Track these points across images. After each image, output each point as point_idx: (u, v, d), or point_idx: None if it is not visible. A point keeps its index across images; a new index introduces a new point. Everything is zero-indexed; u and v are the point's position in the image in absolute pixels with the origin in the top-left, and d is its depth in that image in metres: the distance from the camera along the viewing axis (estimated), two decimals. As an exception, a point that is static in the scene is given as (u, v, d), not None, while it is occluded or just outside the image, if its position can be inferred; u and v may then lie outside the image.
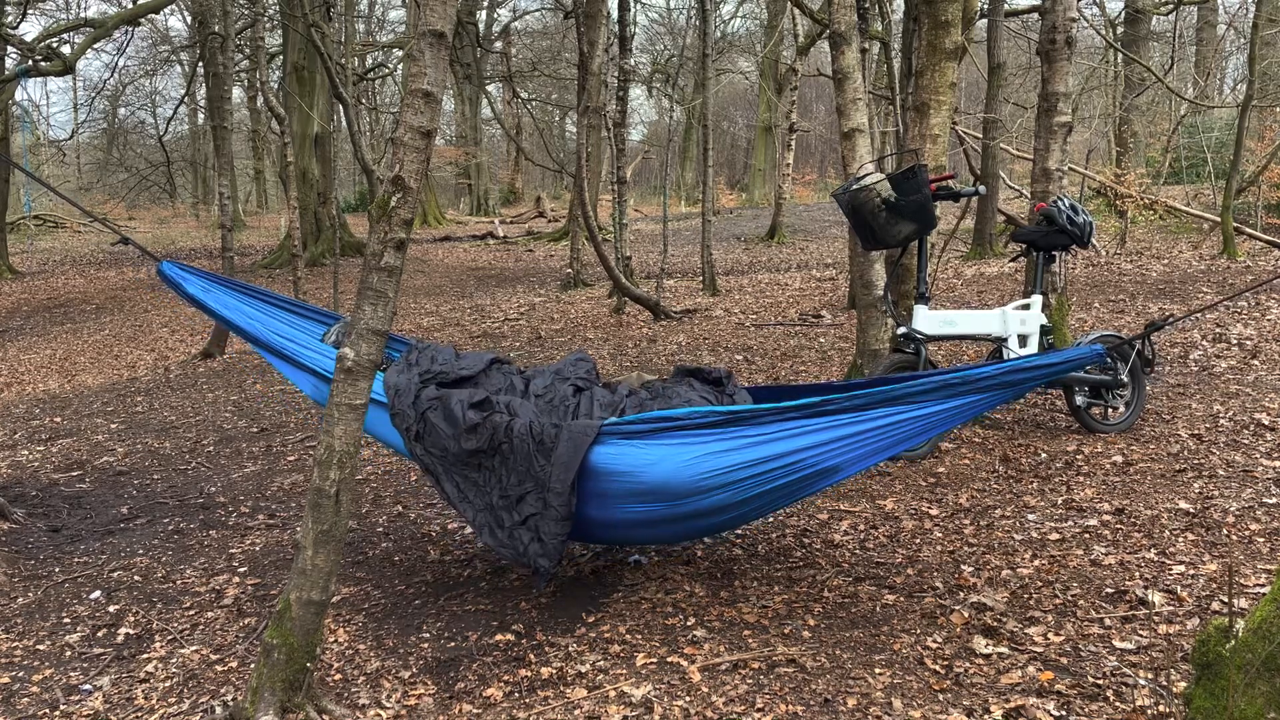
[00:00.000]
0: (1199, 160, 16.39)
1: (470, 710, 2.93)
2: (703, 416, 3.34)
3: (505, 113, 31.20)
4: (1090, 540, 3.82)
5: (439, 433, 3.58)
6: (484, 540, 3.56)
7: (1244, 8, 18.61)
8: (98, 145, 32.34)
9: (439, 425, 3.59)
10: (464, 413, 3.56)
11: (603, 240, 10.76)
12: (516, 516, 3.48)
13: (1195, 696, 2.31)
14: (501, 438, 3.50)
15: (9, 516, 5.04)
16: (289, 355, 4.03)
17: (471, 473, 3.57)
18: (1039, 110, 6.23)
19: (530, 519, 3.45)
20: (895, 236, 4.92)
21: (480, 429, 3.52)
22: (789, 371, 7.18)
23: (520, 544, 3.47)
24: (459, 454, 3.56)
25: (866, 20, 8.90)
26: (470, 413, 3.56)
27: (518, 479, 3.49)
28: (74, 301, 16.32)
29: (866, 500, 4.51)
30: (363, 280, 2.84)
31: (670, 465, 3.28)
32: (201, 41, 15.24)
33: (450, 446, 3.57)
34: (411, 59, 2.91)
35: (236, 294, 4.22)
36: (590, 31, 10.40)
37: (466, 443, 3.53)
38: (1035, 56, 8.46)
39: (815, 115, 35.19)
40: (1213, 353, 6.55)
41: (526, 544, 3.45)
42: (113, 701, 3.14)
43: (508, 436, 3.49)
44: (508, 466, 3.51)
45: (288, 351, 4.03)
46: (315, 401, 4.25)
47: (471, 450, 3.53)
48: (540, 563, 3.44)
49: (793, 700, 2.83)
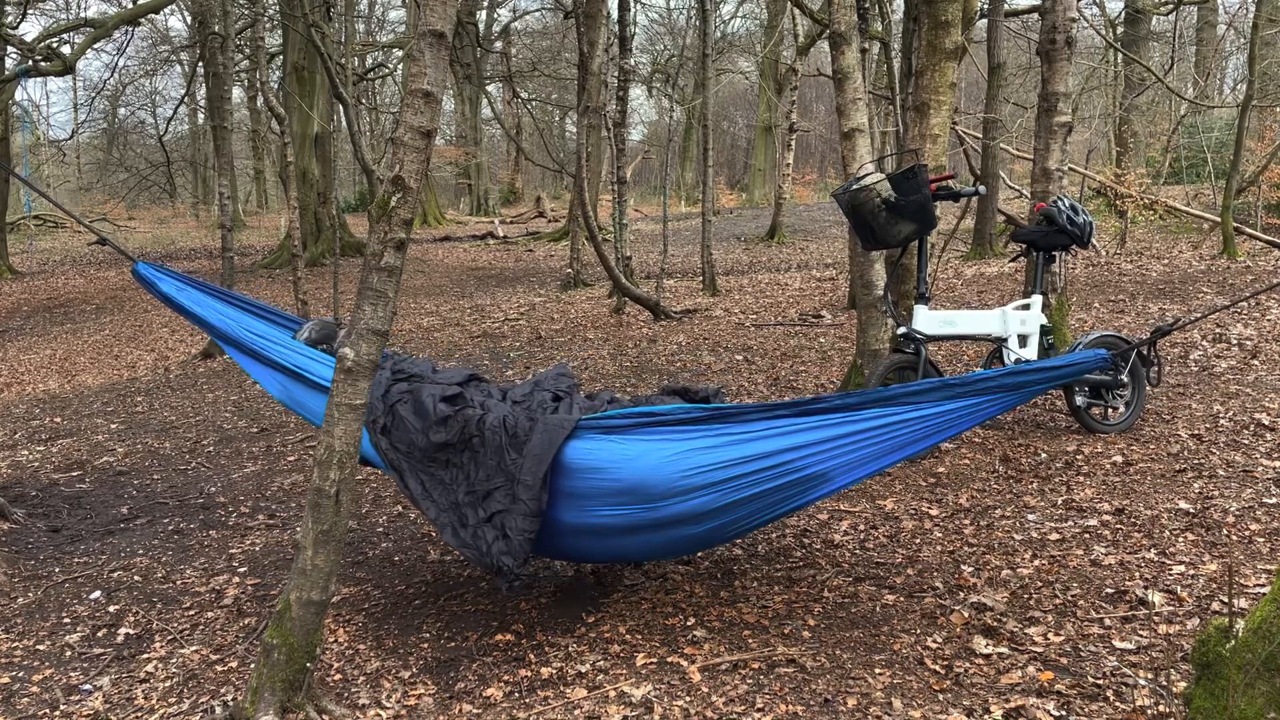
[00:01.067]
0: (1199, 160, 16.39)
1: (470, 710, 2.93)
2: (685, 412, 3.23)
3: (505, 113, 31.20)
4: (1090, 540, 3.82)
5: (407, 426, 3.48)
6: (446, 540, 3.42)
7: (1244, 8, 18.62)
8: (98, 145, 32.33)
9: (408, 418, 3.48)
10: (435, 405, 3.45)
11: (603, 240, 10.76)
12: (482, 514, 3.32)
13: (1195, 696, 2.31)
14: (473, 430, 3.36)
15: (9, 516, 5.04)
16: (259, 351, 4.03)
17: (438, 470, 3.44)
18: (1039, 110, 6.23)
19: (496, 515, 3.28)
20: (895, 236, 4.92)
21: (451, 421, 3.40)
22: (789, 371, 7.18)
23: (484, 543, 3.29)
24: (426, 448, 3.43)
25: (866, 20, 8.90)
26: (442, 405, 3.45)
27: (486, 474, 3.34)
28: (74, 301, 16.32)
29: (866, 500, 4.51)
30: (363, 280, 2.84)
31: (649, 461, 3.13)
32: (201, 41, 15.23)
33: (418, 441, 3.44)
34: (411, 59, 2.91)
35: (209, 294, 4.25)
36: (590, 31, 10.40)
37: (435, 435, 3.40)
38: (1035, 56, 8.46)
39: (815, 115, 35.18)
40: (1213, 353, 6.55)
41: (490, 543, 3.27)
42: (113, 701, 3.14)
43: (479, 430, 3.36)
44: (477, 461, 3.36)
45: (258, 348, 4.03)
46: (281, 402, 4.24)
47: (440, 444, 3.40)
48: (504, 561, 3.24)
49: (793, 700, 2.83)
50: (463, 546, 3.35)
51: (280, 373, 3.99)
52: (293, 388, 3.99)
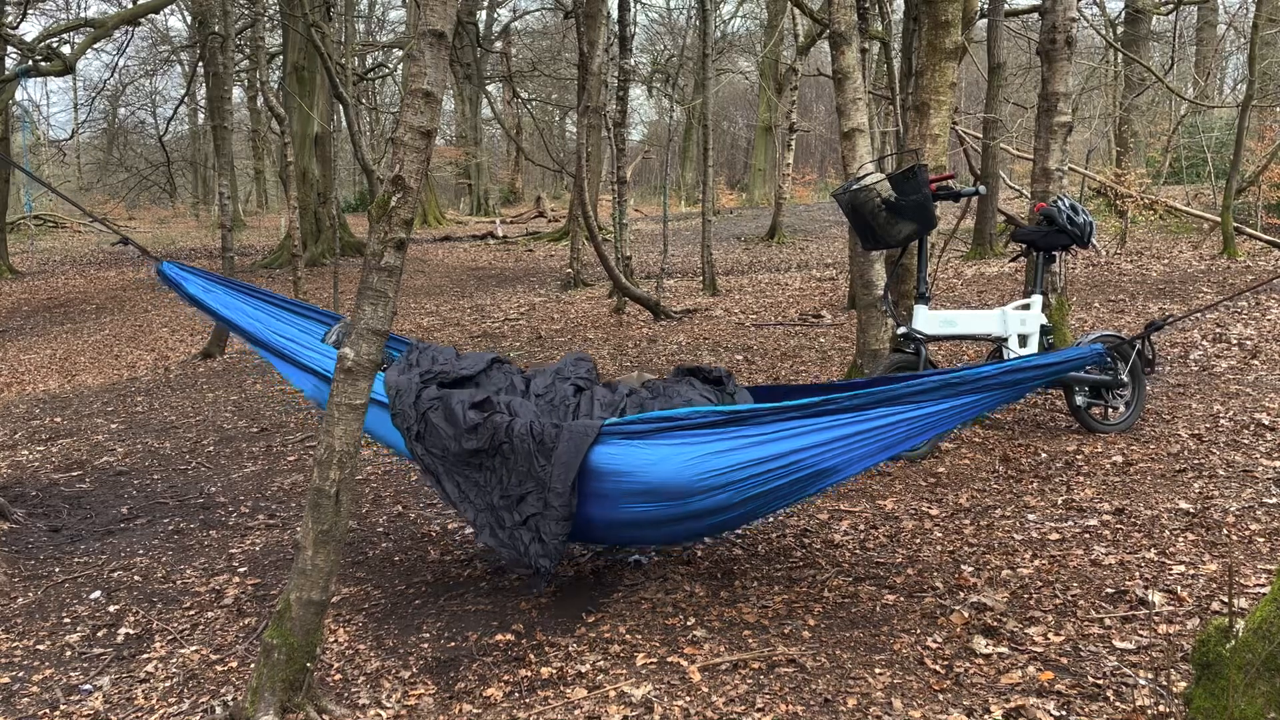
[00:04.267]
0: (1199, 160, 16.39)
1: (470, 710, 2.93)
2: (703, 416, 3.35)
3: (505, 113, 31.20)
4: (1090, 540, 3.82)
5: (440, 433, 3.58)
6: (484, 540, 3.56)
7: (1244, 8, 18.62)
8: (98, 145, 32.35)
9: (440, 425, 3.59)
10: (464, 413, 3.57)
11: (603, 240, 10.76)
12: (517, 517, 3.48)
13: (1195, 696, 2.31)
14: (502, 437, 3.50)
15: (9, 516, 5.04)
16: (289, 355, 4.01)
17: (473, 473, 3.57)
18: (1039, 110, 6.23)
19: (531, 519, 3.45)
20: (895, 236, 4.92)
21: (481, 429, 3.53)
22: (789, 371, 7.18)
23: (521, 544, 3.47)
24: (459, 454, 3.56)
25: (866, 20, 8.90)
26: (471, 413, 3.57)
27: (518, 479, 3.49)
28: (74, 301, 16.32)
29: (866, 500, 4.51)
30: (363, 280, 2.84)
31: (671, 465, 3.29)
32: (201, 41, 15.23)
33: (451, 446, 3.57)
34: (411, 59, 2.91)
35: (237, 294, 4.21)
36: (590, 31, 10.40)
37: (467, 443, 3.54)
38: (1035, 56, 8.46)
39: (815, 115, 35.19)
40: (1213, 353, 6.55)
41: (527, 544, 3.46)
42: (113, 701, 3.14)
43: (508, 436, 3.49)
44: (508, 466, 3.51)
45: (288, 351, 4.02)
46: (315, 402, 4.24)
47: (472, 450, 3.54)
48: (541, 563, 3.44)
49: (793, 700, 2.83)
50: (501, 547, 3.52)
51: (311, 375, 3.99)
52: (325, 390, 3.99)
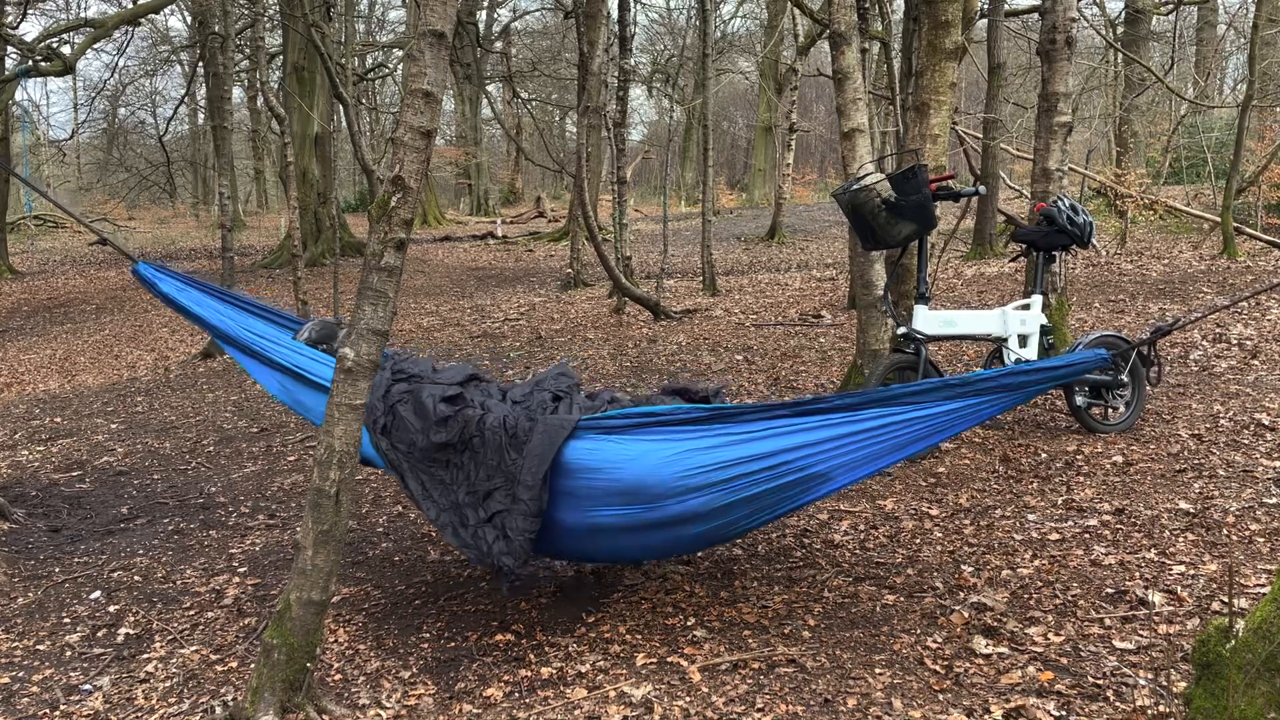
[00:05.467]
0: (1199, 160, 16.38)
1: (470, 710, 2.93)
2: (685, 412, 3.23)
3: (505, 113, 31.20)
4: (1090, 540, 3.82)
5: (407, 426, 3.48)
6: (447, 539, 3.43)
7: (1244, 8, 18.62)
8: (98, 145, 32.34)
9: (408, 419, 3.49)
10: (435, 405, 3.46)
11: (603, 240, 10.76)
12: (482, 514, 3.34)
13: (1195, 696, 2.31)
14: (473, 431, 3.37)
15: (9, 516, 5.04)
16: (259, 352, 4.04)
17: (438, 470, 3.45)
18: (1039, 110, 6.23)
19: (497, 515, 3.30)
20: (895, 236, 4.92)
21: (451, 421, 3.40)
22: (789, 371, 7.18)
23: (484, 543, 3.31)
24: (426, 449, 3.44)
25: (866, 20, 8.90)
26: (442, 405, 3.46)
27: (486, 473, 3.35)
28: (74, 301, 16.32)
29: (866, 500, 4.51)
30: (363, 280, 2.84)
31: (649, 462, 3.13)
32: (201, 41, 15.23)
33: (418, 441, 3.45)
34: (411, 59, 2.91)
35: (209, 295, 4.26)
36: (590, 31, 10.40)
37: (436, 435, 3.41)
38: (1035, 56, 8.46)
39: (815, 115, 35.18)
40: (1213, 353, 6.55)
41: (490, 543, 3.30)
42: (113, 701, 3.14)
43: (479, 430, 3.36)
44: (477, 461, 3.37)
45: (258, 348, 4.04)
46: (281, 402, 4.26)
47: (440, 444, 3.41)
48: (504, 561, 3.27)
49: (793, 700, 2.83)
50: (463, 546, 3.36)
51: (281, 373, 4.00)
52: (293, 388, 4.00)
